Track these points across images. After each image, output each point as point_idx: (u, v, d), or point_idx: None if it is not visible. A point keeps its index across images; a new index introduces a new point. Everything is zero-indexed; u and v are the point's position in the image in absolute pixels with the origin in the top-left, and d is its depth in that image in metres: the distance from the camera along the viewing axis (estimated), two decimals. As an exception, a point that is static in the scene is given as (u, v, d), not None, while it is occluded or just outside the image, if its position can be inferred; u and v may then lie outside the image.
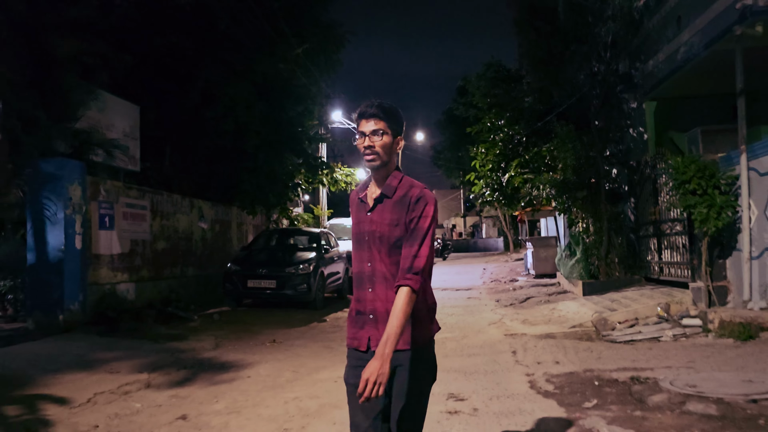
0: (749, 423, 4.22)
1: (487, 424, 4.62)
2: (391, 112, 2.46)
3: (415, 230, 2.38)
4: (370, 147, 2.43)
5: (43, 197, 8.65)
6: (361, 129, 2.45)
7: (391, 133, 2.45)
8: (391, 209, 2.45)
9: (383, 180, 2.50)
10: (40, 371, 6.04)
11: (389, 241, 2.43)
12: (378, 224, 2.47)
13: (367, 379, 2.18)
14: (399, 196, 2.45)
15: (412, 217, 2.40)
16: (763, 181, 7.64)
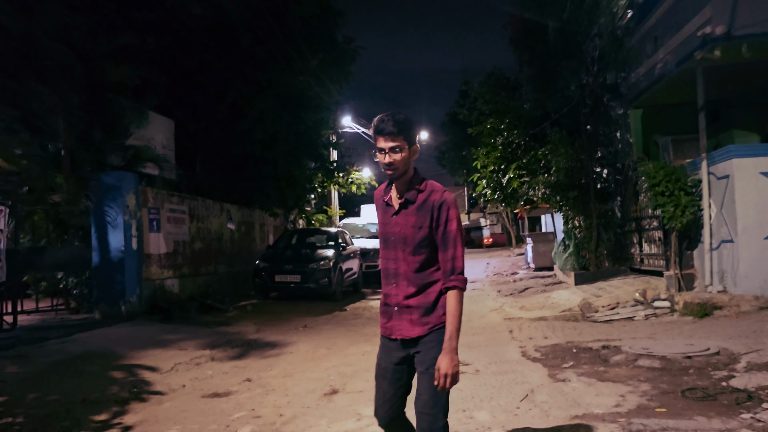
0: (681, 371, 5.63)
1: (486, 379, 6.02)
2: (406, 126, 2.63)
3: (446, 234, 2.65)
4: (390, 163, 2.65)
5: (105, 205, 10.09)
6: (380, 146, 2.64)
7: (408, 145, 2.64)
8: (415, 213, 2.68)
9: (405, 185, 2.72)
10: (126, 348, 7.48)
11: (414, 243, 2.68)
12: (403, 227, 2.70)
13: (446, 374, 2.51)
14: (421, 200, 2.68)
15: (439, 222, 2.65)
16: (720, 184, 9.02)
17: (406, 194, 2.70)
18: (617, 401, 4.88)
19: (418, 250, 2.67)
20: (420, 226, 2.65)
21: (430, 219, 2.65)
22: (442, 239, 2.64)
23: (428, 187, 2.71)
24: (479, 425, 4.53)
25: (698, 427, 4.14)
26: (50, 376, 6.05)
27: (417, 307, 2.70)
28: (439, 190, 2.69)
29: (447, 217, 2.64)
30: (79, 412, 5.14)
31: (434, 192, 2.68)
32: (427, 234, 2.66)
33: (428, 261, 2.69)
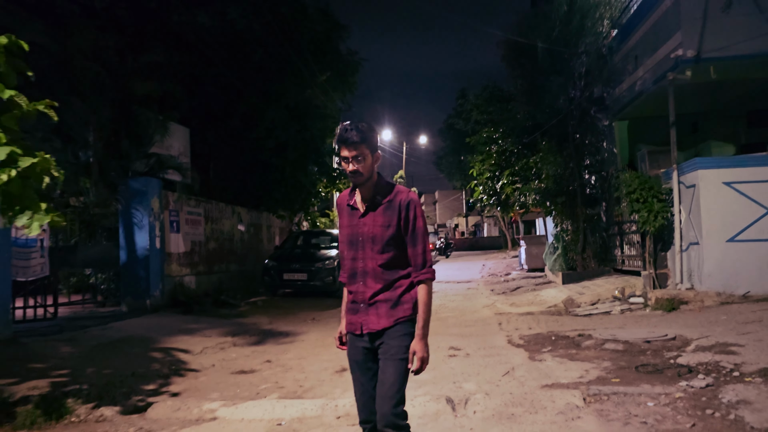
0: (639, 352, 6.63)
1: (475, 360, 7.01)
2: (368, 135, 2.76)
3: (415, 231, 2.85)
4: (355, 171, 2.78)
5: (132, 208, 11.07)
6: (344, 155, 2.78)
7: (370, 152, 2.78)
8: (382, 213, 2.83)
9: (371, 189, 2.86)
10: (158, 335, 8.47)
11: (382, 241, 2.83)
12: (372, 227, 2.84)
13: (422, 358, 2.76)
14: (388, 201, 2.84)
15: (408, 221, 2.83)
16: (689, 192, 10.02)
17: (371, 195, 2.85)
18: (581, 374, 5.88)
19: (386, 248, 2.82)
20: (388, 225, 2.81)
21: (398, 218, 2.81)
22: (412, 236, 2.84)
23: (393, 189, 2.88)
24: (466, 392, 5.51)
25: (642, 392, 5.13)
26: (99, 355, 7.04)
27: (385, 301, 2.84)
28: (404, 191, 2.86)
29: (414, 215, 2.83)
30: (131, 383, 6.13)
31: (400, 193, 2.85)
32: (395, 232, 2.82)
33: (395, 258, 2.85)
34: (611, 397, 5.06)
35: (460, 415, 4.93)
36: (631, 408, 4.76)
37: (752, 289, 9.20)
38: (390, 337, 2.81)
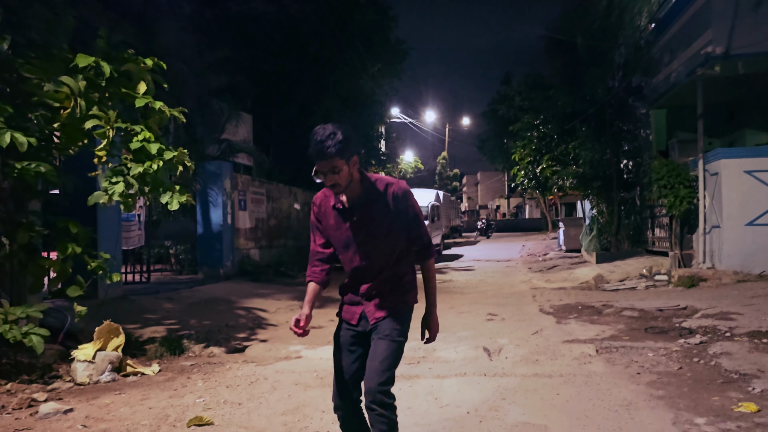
0: (652, 318, 7.72)
1: (509, 323, 8.20)
2: (341, 147, 2.57)
3: (414, 218, 2.81)
4: (333, 184, 2.64)
5: (208, 188, 12.56)
6: (319, 169, 2.61)
7: (346, 161, 2.60)
8: (379, 210, 2.75)
9: (356, 189, 2.73)
10: (237, 297, 9.93)
11: (386, 236, 2.78)
12: (370, 225, 2.76)
13: (436, 332, 2.95)
14: (380, 195, 2.75)
15: (407, 208, 2.79)
16: (712, 180, 10.89)
17: (361, 196, 2.75)
18: (598, 333, 7.03)
19: (390, 243, 2.80)
20: (388, 220, 2.76)
21: (396, 210, 2.76)
22: (413, 222, 2.82)
23: (381, 182, 2.79)
24: (500, 344, 6.72)
25: (646, 346, 6.26)
26: (196, 311, 8.51)
27: (390, 293, 2.84)
28: (393, 182, 2.80)
29: (411, 203, 2.80)
30: (227, 332, 7.56)
31: (390, 185, 2.78)
32: (396, 225, 2.78)
33: (400, 251, 2.85)
34: (619, 349, 6.20)
35: (494, 359, 6.15)
36: (633, 357, 5.90)
37: (767, 268, 10.08)
38: (384, 320, 2.80)
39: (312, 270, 2.94)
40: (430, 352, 6.51)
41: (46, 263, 5.60)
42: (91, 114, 5.31)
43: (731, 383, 4.90)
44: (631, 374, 5.33)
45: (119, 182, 5.30)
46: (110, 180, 5.34)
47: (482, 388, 5.06)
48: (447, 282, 13.98)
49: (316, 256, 2.94)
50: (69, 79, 5.22)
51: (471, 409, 4.51)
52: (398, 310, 2.84)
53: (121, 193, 5.29)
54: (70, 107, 5.32)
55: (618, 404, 4.48)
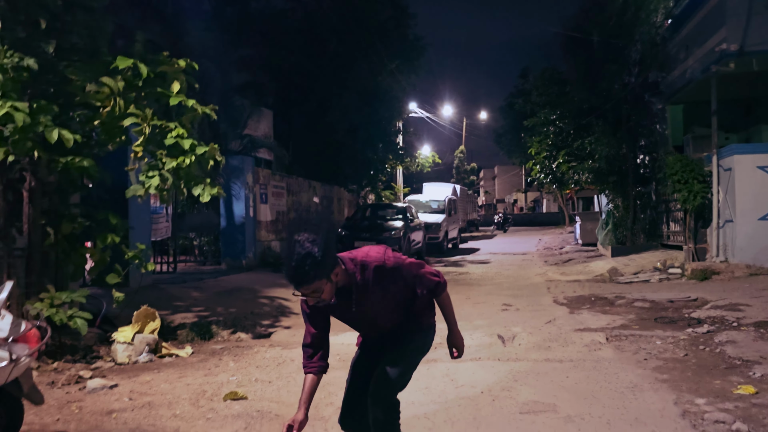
0: (662, 309, 7.96)
1: (523, 313, 8.48)
2: (318, 269, 2.43)
3: (412, 278, 2.78)
4: (318, 301, 2.56)
5: (231, 182, 12.95)
6: (301, 292, 2.53)
7: (325, 280, 2.48)
8: (378, 289, 2.70)
9: (345, 281, 2.64)
10: (259, 286, 10.31)
11: (387, 301, 2.77)
12: (373, 303, 2.73)
13: (462, 347, 3.01)
14: (372, 281, 2.67)
15: (405, 278, 2.75)
16: (726, 175, 11.05)
17: (353, 283, 2.66)
18: (608, 322, 7.29)
19: (395, 303, 2.81)
20: (388, 292, 2.74)
21: (396, 284, 2.74)
22: (412, 280, 2.79)
23: (363, 268, 2.66)
24: (514, 332, 7.00)
25: (654, 335, 6.52)
26: (222, 299, 8.90)
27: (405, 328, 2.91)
28: (375, 261, 2.67)
29: (402, 270, 2.73)
30: (252, 319, 7.94)
31: (373, 266, 2.66)
32: (401, 292, 2.79)
33: (410, 305, 2.88)
34: (628, 337, 6.47)
35: (508, 346, 6.45)
36: (642, 344, 6.17)
37: (779, 262, 10.25)
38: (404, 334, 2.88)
39: (307, 360, 2.79)
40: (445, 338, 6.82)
41: (87, 252, 5.99)
42: (129, 112, 5.67)
43: (733, 369, 5.15)
44: (638, 360, 5.60)
45: (155, 176, 5.66)
46: (146, 174, 5.71)
47: (496, 371, 5.36)
48: (463, 274, 14.27)
49: (311, 344, 2.81)
50: (109, 79, 5.59)
51: (485, 389, 4.82)
52: (412, 329, 2.91)
53: (157, 186, 5.66)
54: (110, 106, 5.70)
55: (624, 386, 4.77)
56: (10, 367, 3.11)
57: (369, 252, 2.72)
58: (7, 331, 3.19)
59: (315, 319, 2.79)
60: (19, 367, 3.18)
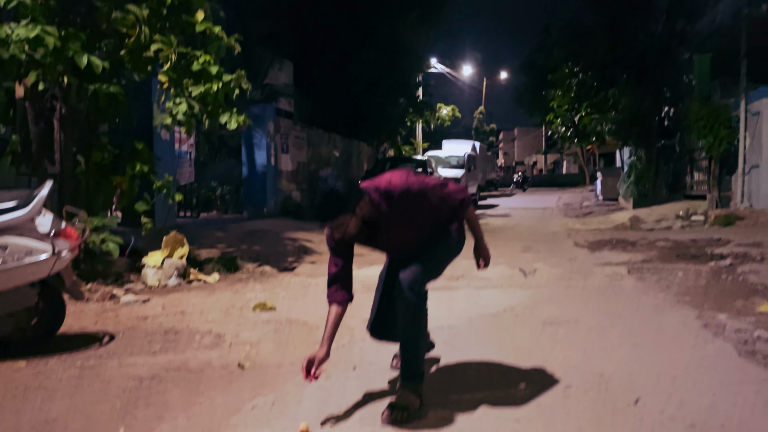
0: (684, 247, 7.95)
1: (544, 254, 8.52)
2: (342, 204, 2.46)
3: (438, 199, 2.76)
4: (344, 233, 2.57)
5: (253, 131, 13.00)
6: (328, 227, 2.58)
7: (350, 216, 2.49)
8: (405, 216, 2.68)
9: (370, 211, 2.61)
10: (282, 230, 10.46)
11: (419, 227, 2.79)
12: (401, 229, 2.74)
13: (488, 256, 3.05)
14: (398, 208, 2.64)
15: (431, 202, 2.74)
16: (753, 119, 10.87)
17: (382, 211, 2.64)
18: (629, 258, 7.32)
19: (428, 224, 2.82)
20: (421, 214, 2.75)
21: (422, 208, 2.73)
22: (438, 200, 2.77)
23: (386, 194, 2.63)
24: (534, 266, 7.07)
25: (676, 267, 6.54)
26: (246, 239, 9.06)
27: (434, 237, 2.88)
28: (399, 187, 2.64)
29: (424, 189, 2.71)
30: (276, 255, 8.08)
31: (398, 193, 2.63)
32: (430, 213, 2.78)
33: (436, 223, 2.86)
34: (650, 270, 6.50)
35: (529, 277, 6.52)
36: (663, 275, 6.19)
37: (806, 207, 10.15)
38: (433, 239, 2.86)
39: (332, 292, 2.83)
40: (467, 271, 6.90)
41: (117, 180, 6.12)
42: (155, 39, 5.72)
43: (756, 293, 5.18)
44: (660, 287, 5.63)
45: (182, 102, 5.73)
46: (174, 101, 5.79)
47: (518, 296, 5.44)
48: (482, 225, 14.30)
49: (336, 275, 2.85)
50: (134, 7, 5.62)
51: (507, 308, 4.91)
52: (441, 236, 2.88)
53: (184, 112, 5.73)
54: (135, 35, 5.75)
55: (646, 307, 4.82)
56: (53, 260, 3.25)
57: (391, 179, 2.67)
58: (48, 226, 3.32)
59: (340, 250, 2.83)
60: (62, 261, 3.32)
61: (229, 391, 2.98)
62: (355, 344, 3.88)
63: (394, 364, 3.35)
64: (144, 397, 2.87)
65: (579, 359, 3.43)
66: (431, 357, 3.61)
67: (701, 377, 3.08)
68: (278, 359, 3.52)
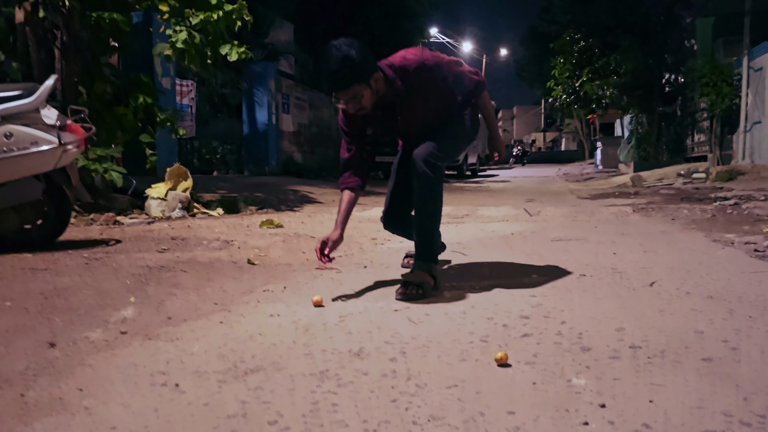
0: (688, 193, 7.95)
1: (547, 204, 8.51)
2: (357, 71, 2.34)
3: (453, 73, 2.63)
4: (358, 109, 2.46)
5: (254, 89, 12.90)
6: (340, 98, 2.44)
7: (364, 85, 2.38)
8: (421, 94, 2.58)
9: (386, 90, 2.52)
10: (284, 184, 10.42)
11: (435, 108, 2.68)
12: (417, 110, 2.63)
13: (503, 149, 2.96)
14: (414, 85, 2.54)
15: (443, 75, 2.60)
16: (756, 75, 10.80)
17: (397, 89, 2.53)
18: (632, 202, 7.31)
19: (444, 107, 2.70)
20: (437, 93, 2.63)
21: (437, 85, 2.60)
22: (454, 80, 2.65)
23: (401, 70, 2.52)
24: (539, 208, 7.05)
25: (681, 207, 6.52)
26: (249, 188, 9.02)
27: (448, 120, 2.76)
28: (414, 62, 2.52)
29: (443, 68, 2.60)
30: (279, 203, 8.05)
31: (413, 68, 2.52)
32: (445, 93, 2.66)
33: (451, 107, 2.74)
34: (654, 209, 6.49)
35: (534, 217, 6.50)
36: (668, 213, 6.18)
37: (808, 163, 10.12)
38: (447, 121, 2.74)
39: (344, 178, 2.77)
40: (473, 210, 6.90)
41: (120, 112, 6.05)
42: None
43: (762, 221, 5.16)
44: (666, 220, 5.62)
45: (182, 30, 5.65)
46: (174, 29, 5.70)
47: (526, 226, 5.43)
48: (484, 187, 14.28)
49: (348, 160, 2.78)
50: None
51: (516, 232, 4.90)
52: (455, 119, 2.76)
53: (184, 40, 5.64)
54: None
55: (654, 232, 4.81)
56: (59, 152, 3.20)
57: (405, 55, 2.57)
58: (54, 119, 3.27)
59: (353, 134, 2.74)
60: (68, 154, 3.27)
61: (241, 280, 2.97)
62: (364, 254, 3.86)
63: (405, 262, 3.33)
64: (154, 279, 2.85)
65: (591, 260, 3.42)
66: (442, 259, 3.59)
67: (715, 268, 3.07)
68: (288, 260, 3.50)
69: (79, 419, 1.39)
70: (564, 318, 2.17)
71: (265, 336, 2.02)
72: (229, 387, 1.57)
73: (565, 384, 1.55)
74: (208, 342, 1.96)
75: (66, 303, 2.34)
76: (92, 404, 1.47)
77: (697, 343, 1.84)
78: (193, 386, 1.58)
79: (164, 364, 1.75)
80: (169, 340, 1.98)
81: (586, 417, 1.34)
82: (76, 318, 2.17)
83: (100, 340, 1.97)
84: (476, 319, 2.18)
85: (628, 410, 1.37)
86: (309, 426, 1.33)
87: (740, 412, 1.35)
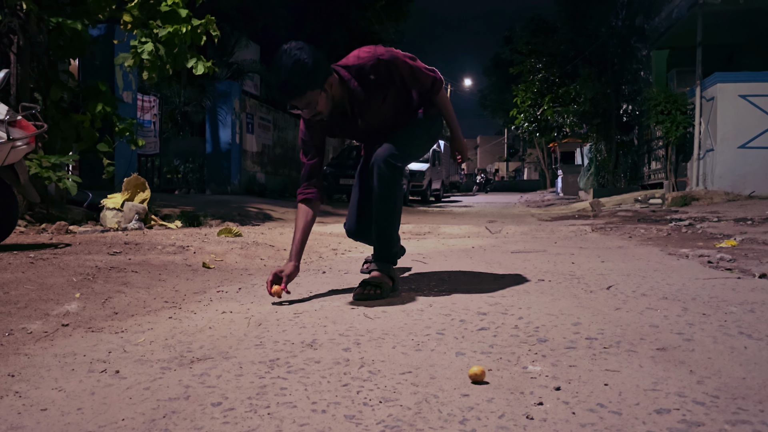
0: (644, 216, 8.11)
1: (508, 224, 8.59)
2: (311, 77, 2.23)
3: (410, 74, 2.51)
4: (314, 114, 2.39)
5: (217, 107, 12.81)
6: (296, 105, 2.35)
7: (319, 90, 2.29)
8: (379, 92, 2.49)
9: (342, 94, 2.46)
10: (245, 202, 10.29)
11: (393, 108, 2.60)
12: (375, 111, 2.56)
13: (465, 149, 2.90)
14: (370, 83, 2.45)
15: (402, 75, 2.49)
16: (708, 105, 11.21)
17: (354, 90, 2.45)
18: (591, 223, 7.43)
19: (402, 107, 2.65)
20: (394, 92, 2.55)
21: (394, 83, 2.51)
22: (411, 78, 2.55)
23: (357, 70, 2.43)
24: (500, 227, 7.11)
25: (637, 227, 6.65)
26: (210, 206, 8.87)
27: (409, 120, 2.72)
28: (369, 59, 2.42)
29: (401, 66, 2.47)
30: (241, 218, 7.93)
31: (369, 66, 2.41)
32: (402, 91, 2.60)
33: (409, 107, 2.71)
34: (612, 228, 6.60)
35: (495, 235, 6.54)
36: (625, 231, 6.29)
37: (757, 189, 10.47)
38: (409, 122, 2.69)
39: (302, 188, 2.67)
40: (434, 228, 6.91)
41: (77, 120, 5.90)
42: (121, -24, 5.56)
43: (715, 239, 5.29)
44: (623, 237, 5.72)
45: (148, 42, 5.57)
46: (140, 40, 5.62)
47: (485, 242, 5.45)
48: (446, 211, 14.38)
49: (307, 172, 2.68)
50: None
51: (476, 246, 4.90)
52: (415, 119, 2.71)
53: (150, 52, 5.56)
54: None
55: (612, 246, 4.88)
56: (8, 147, 3.08)
57: (359, 54, 2.46)
58: (3, 114, 3.15)
59: (311, 143, 2.64)
60: (16, 151, 3.15)
61: (194, 281, 2.88)
62: (323, 261, 3.81)
63: (365, 268, 3.30)
64: (102, 277, 2.74)
65: (550, 268, 3.43)
66: (402, 267, 3.57)
67: (670, 275, 3.11)
68: (245, 266, 3.42)
69: (7, 402, 1.30)
70: (521, 314, 2.16)
71: (216, 329, 1.95)
72: (173, 374, 1.50)
73: (520, 370, 1.52)
74: (155, 334, 1.88)
75: (5, 296, 2.22)
76: (24, 388, 1.39)
77: (652, 335, 1.84)
78: (134, 373, 1.50)
79: (105, 354, 1.66)
80: (113, 332, 1.89)
81: (540, 398, 1.32)
82: (14, 311, 2.06)
83: (39, 332, 1.87)
84: (433, 315, 2.15)
85: (583, 392, 1.35)
86: (255, 407, 1.27)
87: (694, 393, 1.34)
